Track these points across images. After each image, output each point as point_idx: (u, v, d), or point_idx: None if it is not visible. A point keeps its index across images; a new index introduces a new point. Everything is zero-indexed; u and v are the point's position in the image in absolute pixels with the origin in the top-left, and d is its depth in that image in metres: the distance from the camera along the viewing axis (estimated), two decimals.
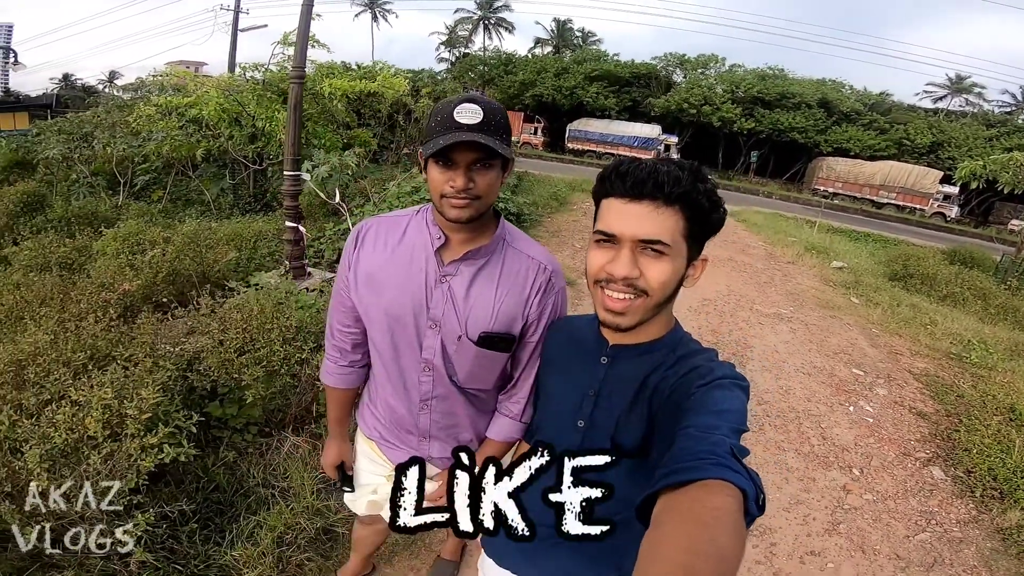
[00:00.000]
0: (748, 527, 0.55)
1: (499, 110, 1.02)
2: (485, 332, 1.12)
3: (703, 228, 0.81)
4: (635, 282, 0.79)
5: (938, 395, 4.41)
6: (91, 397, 1.72)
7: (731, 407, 0.72)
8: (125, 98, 8.96)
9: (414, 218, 1.16)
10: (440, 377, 1.19)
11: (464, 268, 1.11)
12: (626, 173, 0.78)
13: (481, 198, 1.03)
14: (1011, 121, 30.23)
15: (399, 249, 1.13)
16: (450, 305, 1.12)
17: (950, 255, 10.65)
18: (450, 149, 0.97)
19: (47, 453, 1.64)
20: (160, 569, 1.71)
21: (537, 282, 1.14)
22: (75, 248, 3.81)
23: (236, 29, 13.99)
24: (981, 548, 2.75)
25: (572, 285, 5.65)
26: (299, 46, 3.05)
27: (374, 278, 1.15)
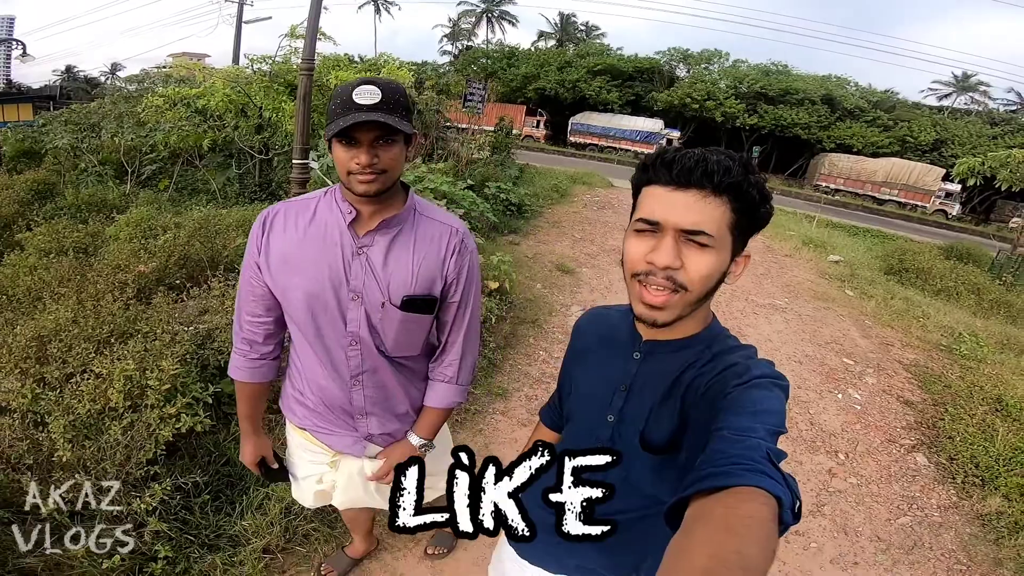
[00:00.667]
0: (782, 535, 0.53)
1: (397, 90, 1.06)
2: (408, 295, 1.15)
3: (750, 222, 0.77)
4: (675, 275, 0.75)
5: (926, 384, 4.51)
6: (113, 369, 1.83)
7: (769, 408, 0.70)
8: (131, 89, 9.05)
9: (322, 199, 1.18)
10: (368, 349, 1.20)
11: (379, 238, 1.14)
12: (672, 160, 0.75)
13: (387, 172, 1.07)
14: (1015, 120, 30.11)
15: (311, 229, 1.14)
16: (370, 275, 1.14)
17: (947, 251, 10.71)
18: (351, 129, 1.01)
19: (70, 424, 1.75)
20: (173, 539, 1.78)
21: (451, 244, 1.18)
22: (88, 233, 3.93)
23: (240, 21, 14.04)
24: (960, 533, 2.82)
25: (570, 274, 5.76)
26: (308, 39, 3.15)
27: (289, 260, 1.15)
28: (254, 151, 7.03)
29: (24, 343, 2.06)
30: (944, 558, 2.64)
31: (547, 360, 3.86)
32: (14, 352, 2.03)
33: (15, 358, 2.00)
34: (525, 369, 3.69)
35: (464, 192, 5.63)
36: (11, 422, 1.77)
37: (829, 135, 28.68)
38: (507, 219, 7.09)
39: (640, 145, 29.39)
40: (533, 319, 4.41)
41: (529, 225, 7.51)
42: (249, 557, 1.84)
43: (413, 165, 5.66)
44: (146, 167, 7.73)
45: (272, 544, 1.92)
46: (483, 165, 8.27)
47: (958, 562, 2.62)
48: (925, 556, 2.63)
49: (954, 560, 2.62)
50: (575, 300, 5.01)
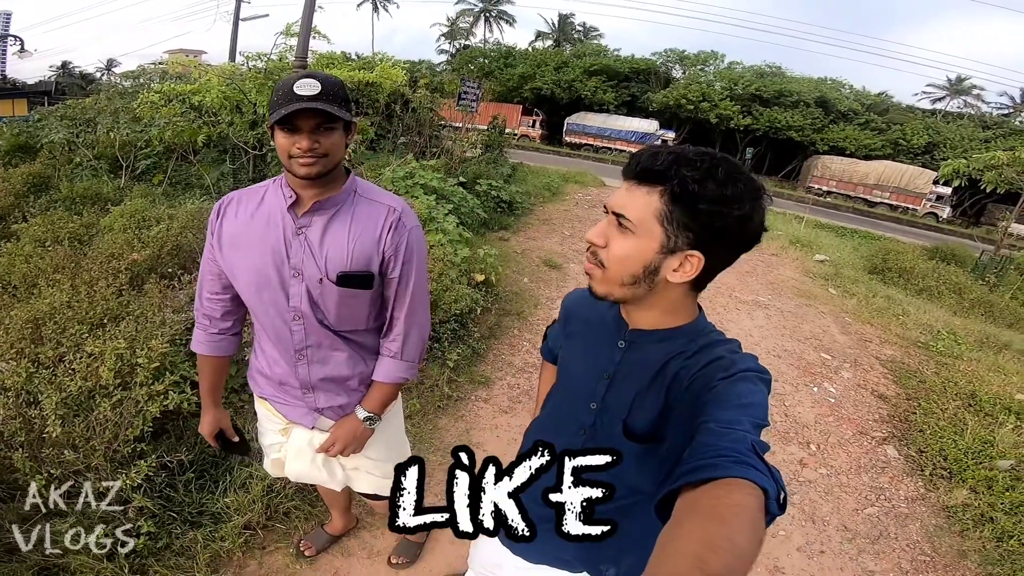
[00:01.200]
0: (768, 526, 0.55)
1: (336, 83, 1.13)
2: (343, 271, 1.21)
3: (691, 218, 0.75)
4: (598, 252, 0.82)
5: (901, 380, 4.61)
6: (105, 349, 1.92)
7: (753, 401, 0.72)
8: (127, 85, 9.10)
9: (271, 186, 1.25)
10: (311, 324, 1.26)
11: (316, 218, 1.21)
12: (634, 156, 0.80)
13: (328, 155, 1.14)
14: (1007, 123, 30.37)
15: (257, 213, 1.23)
16: (308, 253, 1.21)
17: (931, 251, 10.87)
18: (292, 116, 1.08)
19: (61, 401, 1.82)
20: (157, 515, 1.83)
21: (387, 222, 1.24)
22: (83, 224, 4.00)
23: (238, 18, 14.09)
24: (926, 524, 2.87)
25: (557, 269, 5.87)
26: (302, 37, 3.23)
27: (237, 241, 1.24)
28: (248, 146, 7.10)
29: (20, 325, 2.14)
30: (909, 549, 2.68)
31: (530, 351, 3.94)
32: (10, 333, 2.11)
33: (11, 339, 2.08)
34: (508, 359, 3.78)
35: (454, 188, 5.73)
36: (5, 400, 1.84)
37: (823, 137, 28.88)
38: (498, 216, 7.19)
39: (635, 146, 29.49)
40: (518, 311, 4.51)
41: (519, 222, 7.60)
42: (230, 533, 1.89)
43: (404, 161, 5.75)
44: (140, 162, 7.78)
45: (253, 521, 1.97)
46: (475, 163, 8.35)
47: (922, 553, 2.66)
48: (890, 546, 2.67)
49: (918, 551, 2.67)
50: (560, 294, 5.11)
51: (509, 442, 2.90)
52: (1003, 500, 2.95)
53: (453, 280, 3.65)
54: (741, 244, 0.80)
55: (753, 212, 0.76)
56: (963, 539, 2.77)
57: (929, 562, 2.61)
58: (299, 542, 1.97)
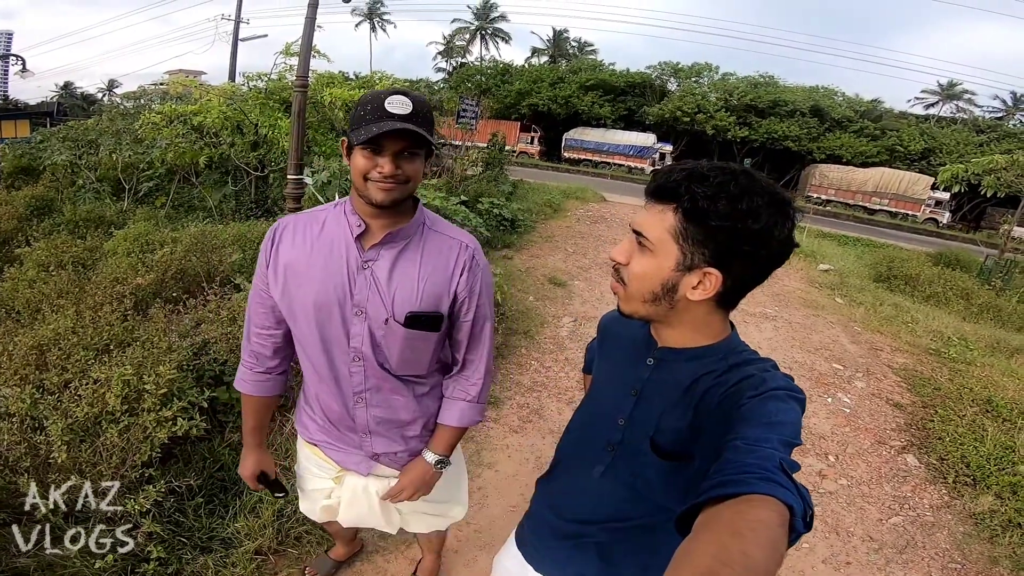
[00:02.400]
0: (793, 544, 0.54)
1: (426, 104, 1.06)
2: (412, 312, 1.13)
3: (706, 235, 0.75)
4: (620, 269, 0.83)
5: (915, 387, 4.56)
6: (112, 375, 1.88)
7: (784, 419, 0.70)
8: (128, 106, 9.18)
9: (332, 211, 1.16)
10: (371, 367, 1.19)
11: (385, 252, 1.12)
12: (655, 175, 0.82)
13: (408, 183, 1.06)
14: (1001, 127, 30.62)
15: (318, 242, 1.13)
16: (374, 289, 1.12)
17: (936, 257, 10.86)
18: (380, 137, 1.00)
19: (68, 427, 1.79)
20: (166, 540, 1.81)
21: (460, 260, 1.16)
22: (86, 248, 3.99)
23: (237, 39, 14.28)
24: (953, 532, 2.82)
25: (562, 286, 5.84)
26: (303, 57, 3.25)
27: (295, 272, 1.14)
28: (250, 168, 7.13)
29: (24, 351, 2.11)
30: (938, 557, 2.64)
31: (539, 369, 3.91)
32: (14, 360, 2.08)
33: (15, 365, 2.05)
34: (517, 378, 3.74)
35: (457, 207, 5.72)
36: (10, 426, 1.81)
37: (819, 146, 29.09)
38: (500, 234, 7.18)
39: (634, 160, 29.74)
40: (525, 330, 4.47)
41: (522, 240, 7.60)
42: (242, 559, 1.86)
43: None
44: (143, 184, 7.82)
45: (264, 546, 1.94)
46: (476, 181, 8.38)
47: (952, 560, 2.61)
48: (919, 555, 2.63)
49: (948, 559, 2.62)
50: (566, 312, 5.08)
51: (521, 462, 2.84)
52: None
53: None
54: (767, 260, 0.77)
55: (774, 227, 0.74)
56: (993, 545, 2.72)
57: (960, 570, 2.56)
58: (304, 569, 1.93)
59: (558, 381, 3.79)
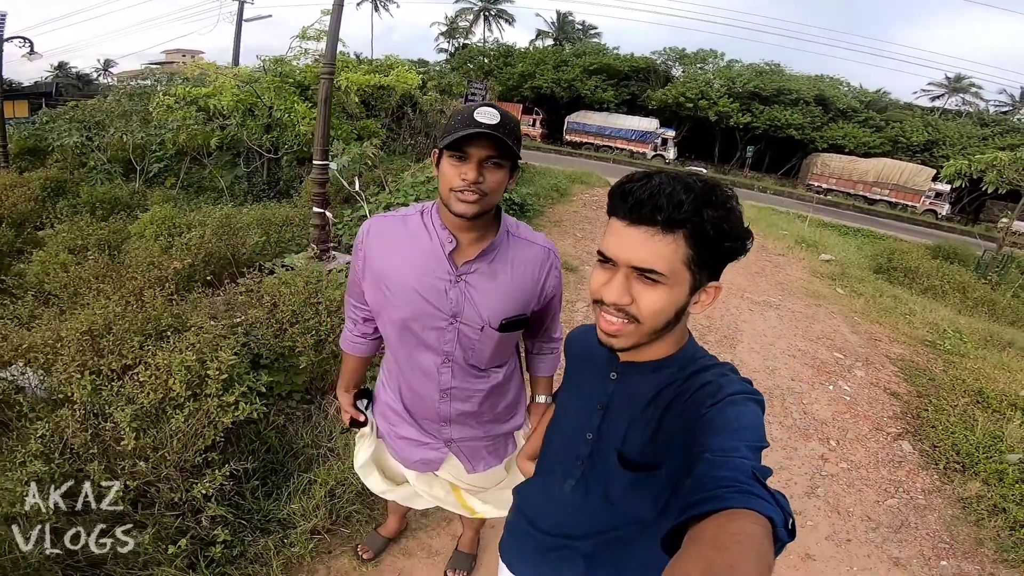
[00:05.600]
0: (778, 553, 0.54)
1: (514, 119, 1.09)
2: (507, 319, 1.19)
3: (713, 256, 0.75)
4: (627, 308, 0.76)
5: (911, 378, 4.72)
6: (172, 360, 1.99)
7: (747, 424, 0.70)
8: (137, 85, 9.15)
9: (420, 219, 1.19)
10: (459, 367, 1.25)
11: (478, 264, 1.16)
12: (628, 193, 0.73)
13: (488, 195, 1.07)
14: (1006, 121, 30.52)
15: (409, 253, 1.17)
16: (469, 301, 1.17)
17: (934, 250, 11.00)
18: (467, 142, 1.03)
19: (134, 414, 1.88)
20: (230, 523, 1.87)
21: (546, 265, 1.24)
22: (112, 230, 4.08)
23: (241, 19, 14.10)
24: (943, 515, 2.98)
25: (574, 271, 5.95)
26: (330, 43, 3.29)
27: (387, 283, 1.18)
28: (263, 150, 7.17)
29: (77, 337, 2.19)
30: (929, 537, 2.80)
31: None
32: (68, 346, 2.16)
33: (70, 352, 2.13)
34: None
35: None
36: (72, 413, 1.90)
37: (822, 135, 29.06)
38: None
39: (636, 144, 29.65)
40: None
41: (532, 224, 7.62)
42: (300, 539, 1.93)
43: (422, 166, 5.82)
44: (153, 164, 7.85)
45: (318, 526, 2.01)
46: None
47: (942, 541, 2.77)
48: (912, 535, 2.79)
49: (938, 539, 2.78)
50: (579, 297, 5.19)
51: None
52: (1014, 492, 3.07)
53: None
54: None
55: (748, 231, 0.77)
56: (979, 528, 2.88)
57: (949, 550, 2.72)
58: (357, 547, 2.02)
59: None
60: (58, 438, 1.81)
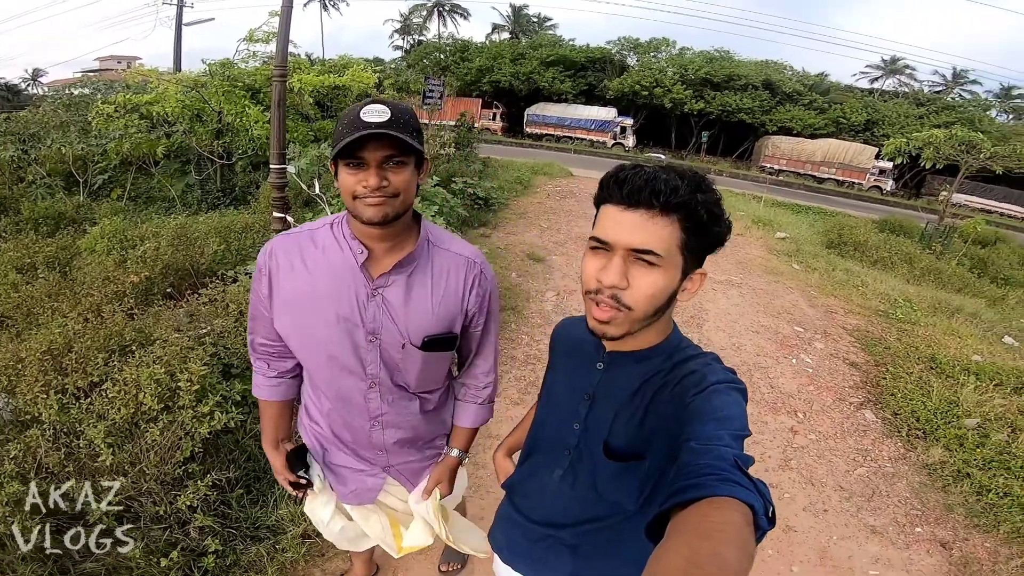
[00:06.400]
0: (759, 541, 0.55)
1: (407, 111, 1.00)
2: (429, 336, 1.11)
3: (702, 241, 0.77)
4: (620, 295, 0.77)
5: (868, 347, 4.95)
6: (140, 375, 1.93)
7: (730, 413, 0.72)
8: (75, 94, 8.67)
9: (328, 232, 1.09)
10: (386, 390, 1.16)
11: (395, 277, 1.07)
12: (624, 180, 0.76)
13: (399, 196, 0.99)
14: (940, 100, 32.23)
15: (319, 268, 1.07)
16: (387, 316, 1.08)
17: (881, 224, 11.57)
18: (359, 147, 0.94)
19: (107, 429, 1.83)
20: (219, 533, 1.86)
21: (469, 278, 1.13)
22: (60, 247, 3.88)
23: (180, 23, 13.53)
24: (911, 481, 3.07)
25: (540, 261, 6.00)
26: (280, 45, 3.20)
27: (299, 303, 1.09)
28: (215, 156, 6.92)
29: (38, 357, 2.11)
30: (901, 505, 2.88)
31: (530, 343, 4.08)
32: (30, 367, 2.07)
33: (32, 372, 2.05)
34: (511, 352, 3.90)
35: (436, 190, 5.76)
36: (42, 433, 1.84)
37: (771, 118, 30.04)
38: (476, 213, 7.26)
39: (595, 134, 29.98)
40: (512, 306, 4.62)
41: (497, 217, 7.69)
42: (291, 544, 1.93)
43: None
44: (97, 176, 7.48)
45: (310, 530, 1.99)
46: (447, 161, 8.38)
47: (914, 508, 2.86)
48: (884, 503, 2.88)
49: (910, 507, 2.87)
50: (548, 286, 5.25)
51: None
52: (975, 456, 3.20)
53: None
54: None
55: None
56: (947, 494, 2.99)
57: (921, 516, 2.81)
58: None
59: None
60: (31, 459, 1.73)
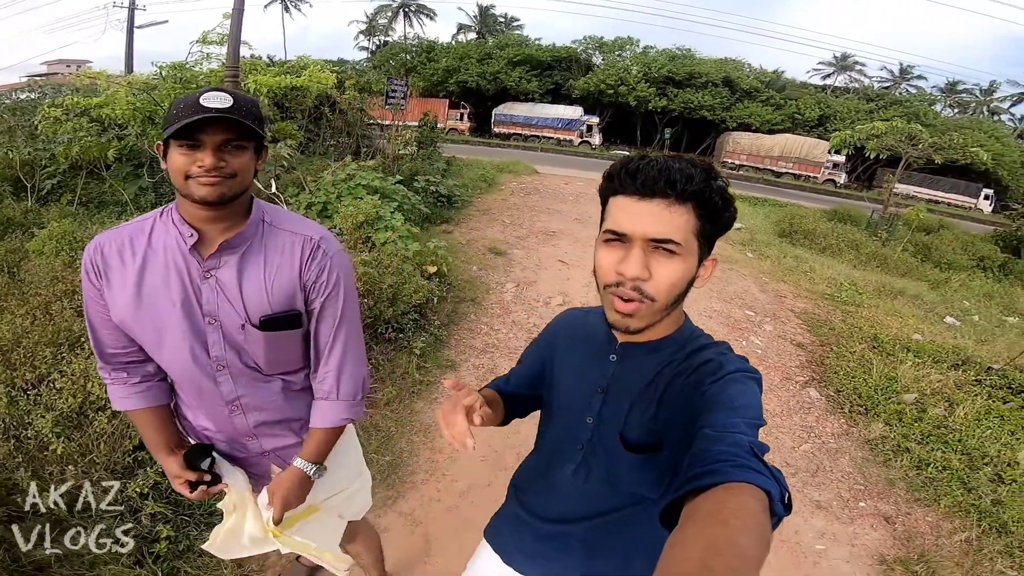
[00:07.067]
0: (775, 527, 0.55)
1: (251, 100, 1.00)
2: (266, 315, 1.07)
3: (715, 227, 0.78)
4: (643, 286, 0.76)
5: (814, 328, 5.21)
6: (89, 365, 1.96)
7: (746, 402, 0.72)
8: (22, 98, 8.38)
9: (158, 220, 1.06)
10: (237, 371, 1.12)
11: (227, 257, 1.05)
12: (637, 170, 0.75)
13: (236, 176, 0.98)
14: (888, 95, 33.73)
15: (149, 259, 1.04)
16: (222, 297, 1.05)
17: (830, 214, 12.10)
18: (198, 129, 0.92)
19: (56, 419, 1.86)
20: (171, 520, 1.88)
21: (304, 253, 1.09)
22: (8, 250, 3.81)
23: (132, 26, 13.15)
24: (854, 456, 3.17)
25: (502, 255, 6.12)
26: (231, 47, 3.24)
27: (132, 295, 1.04)
28: None
29: None
30: (844, 479, 2.97)
31: (489, 333, 4.17)
32: None
33: None
34: (470, 342, 3.98)
35: (395, 187, 5.81)
36: None
37: (731, 115, 30.95)
38: (439, 210, 7.32)
39: (562, 132, 30.28)
40: (472, 297, 4.72)
41: (460, 214, 7.77)
42: None
43: (343, 163, 5.75)
44: (46, 181, 7.26)
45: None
46: (410, 160, 8.41)
47: (857, 483, 2.95)
48: (828, 479, 2.97)
49: (853, 481, 2.97)
50: (509, 278, 5.37)
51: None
52: (914, 431, 3.37)
53: (409, 273, 3.81)
54: None
55: None
56: (888, 469, 3.10)
57: (863, 491, 2.90)
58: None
59: (508, 342, 4.08)
60: None
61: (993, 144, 25.34)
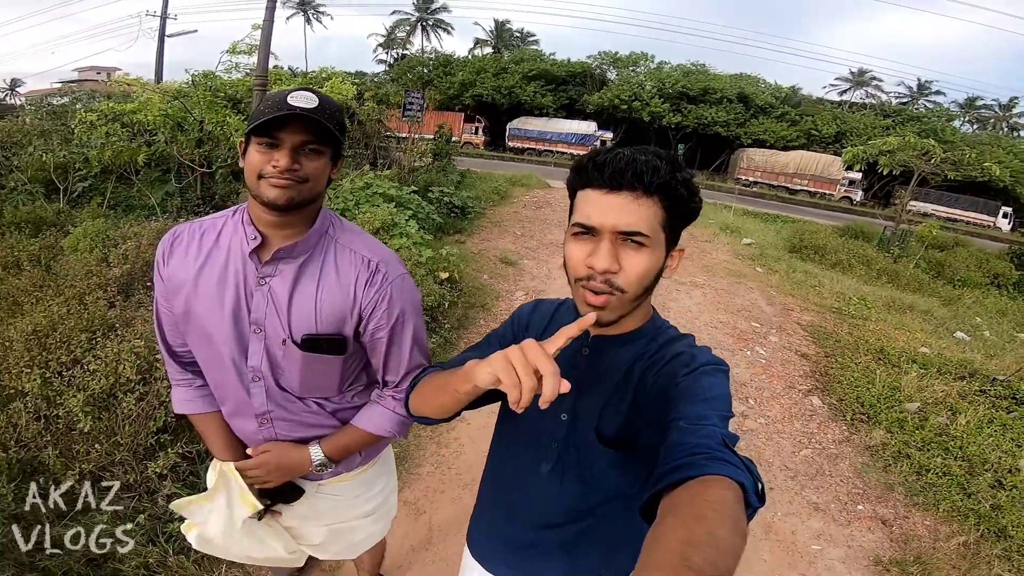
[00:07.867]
0: (751, 518, 0.56)
1: (336, 106, 0.98)
2: (309, 334, 1.03)
3: (681, 217, 0.79)
4: (613, 278, 0.76)
5: (819, 340, 5.24)
6: (123, 349, 2.11)
7: (717, 394, 0.73)
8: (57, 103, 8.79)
9: (230, 219, 1.06)
10: (271, 387, 1.09)
11: (284, 267, 1.02)
12: (604, 163, 0.76)
13: (308, 182, 0.95)
14: (905, 111, 33.51)
15: (213, 254, 1.03)
16: (271, 307, 1.02)
17: (842, 230, 12.07)
18: (279, 126, 0.91)
19: (87, 399, 1.99)
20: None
21: (361, 278, 1.05)
22: (43, 246, 4.03)
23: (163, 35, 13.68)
24: (854, 462, 3.22)
25: (513, 265, 6.26)
26: (261, 56, 3.43)
27: (188, 288, 1.03)
28: (195, 165, 7.07)
29: (25, 337, 2.27)
30: (843, 483, 3.02)
31: None
32: (16, 347, 2.24)
33: (18, 352, 2.20)
34: None
35: (410, 196, 5.99)
36: (24, 405, 1.99)
37: (745, 131, 30.88)
38: (452, 220, 7.49)
39: (576, 147, 30.50)
40: (482, 304, 4.86)
41: (473, 225, 7.93)
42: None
43: (361, 172, 5.96)
44: (77, 184, 7.58)
45: None
46: (425, 171, 8.62)
47: (855, 487, 2.99)
48: (827, 482, 3.02)
49: (852, 485, 3.01)
50: (518, 287, 5.50)
51: (490, 414, 2.98)
52: (915, 438, 3.40)
53: (422, 277, 3.95)
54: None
55: None
56: (887, 474, 3.13)
57: (862, 494, 2.94)
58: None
59: None
60: (12, 429, 1.89)
61: (1011, 160, 24.97)
